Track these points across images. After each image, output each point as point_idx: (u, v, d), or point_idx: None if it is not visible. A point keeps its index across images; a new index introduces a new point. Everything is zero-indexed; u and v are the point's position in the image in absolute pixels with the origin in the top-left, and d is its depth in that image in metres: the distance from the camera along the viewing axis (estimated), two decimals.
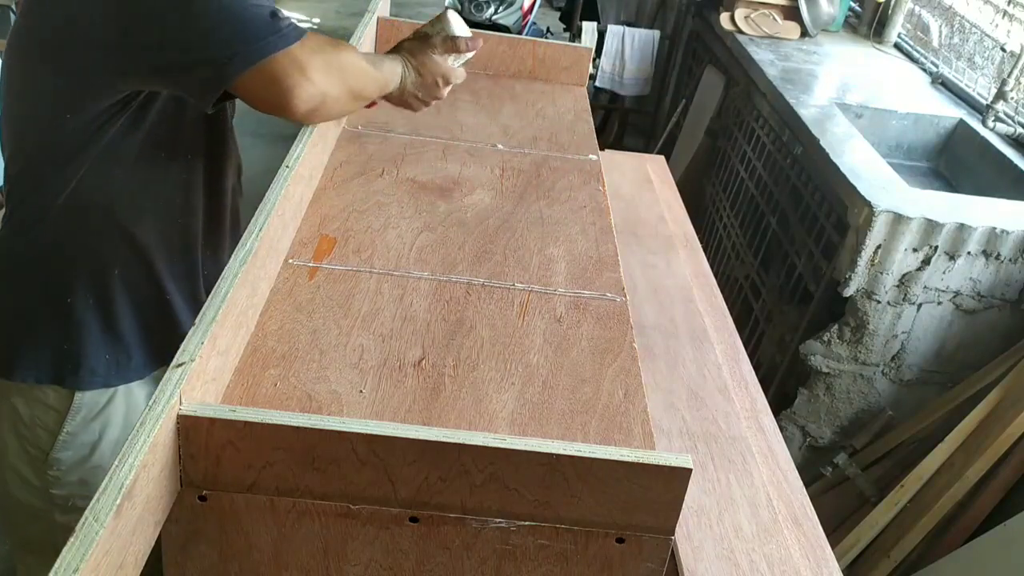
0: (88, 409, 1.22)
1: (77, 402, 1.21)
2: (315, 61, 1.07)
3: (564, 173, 1.43)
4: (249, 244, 0.93)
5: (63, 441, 1.22)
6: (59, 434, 1.22)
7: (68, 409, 1.21)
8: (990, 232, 2.12)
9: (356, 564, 0.82)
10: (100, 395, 1.23)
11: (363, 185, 1.29)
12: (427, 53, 1.31)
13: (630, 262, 1.68)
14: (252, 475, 0.76)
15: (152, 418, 0.71)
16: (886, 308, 2.21)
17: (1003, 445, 2.04)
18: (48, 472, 1.24)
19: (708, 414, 1.34)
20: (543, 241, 1.22)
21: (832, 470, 2.35)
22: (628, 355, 1.01)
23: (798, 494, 1.24)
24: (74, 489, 1.26)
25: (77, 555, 0.60)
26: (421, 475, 0.77)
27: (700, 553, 1.09)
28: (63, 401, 1.21)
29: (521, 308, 1.07)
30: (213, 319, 0.82)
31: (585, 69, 1.83)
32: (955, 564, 1.99)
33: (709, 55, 3.74)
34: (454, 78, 1.35)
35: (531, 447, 0.76)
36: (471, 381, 0.94)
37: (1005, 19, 2.98)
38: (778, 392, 2.46)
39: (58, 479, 1.25)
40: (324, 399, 0.88)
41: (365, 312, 1.02)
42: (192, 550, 0.80)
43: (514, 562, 0.81)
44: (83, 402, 1.22)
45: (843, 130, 2.59)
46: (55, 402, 1.21)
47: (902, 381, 2.32)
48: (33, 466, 1.24)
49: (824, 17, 3.46)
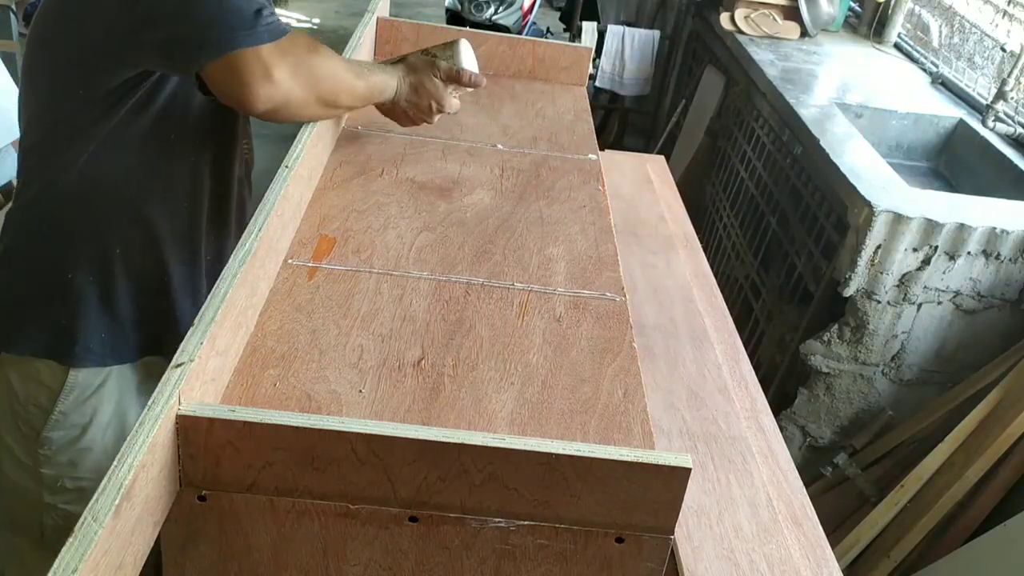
0: (81, 389, 1.24)
1: (71, 381, 1.22)
2: (283, 63, 1.08)
3: (564, 173, 1.43)
4: (249, 244, 0.93)
5: (55, 420, 1.24)
6: (51, 413, 1.23)
7: (62, 387, 1.23)
8: (990, 232, 2.12)
9: (356, 564, 0.82)
10: (94, 375, 1.24)
11: (363, 185, 1.28)
12: (428, 74, 1.31)
13: (630, 262, 1.68)
14: (251, 475, 0.76)
15: (151, 418, 0.71)
16: (886, 308, 2.21)
17: (1003, 445, 2.04)
18: (39, 451, 1.26)
19: (708, 414, 1.34)
20: (543, 241, 1.22)
21: (832, 470, 2.35)
22: (628, 355, 1.01)
23: (798, 494, 1.24)
24: (63, 470, 1.27)
25: (76, 555, 0.60)
26: (421, 475, 0.77)
27: (700, 553, 1.09)
28: (57, 379, 1.22)
29: (521, 308, 1.07)
30: (212, 319, 0.82)
31: (585, 69, 1.83)
32: (955, 564, 1.99)
33: (709, 55, 3.74)
34: (448, 107, 1.35)
35: (530, 447, 0.76)
36: (470, 381, 0.94)
37: (1005, 19, 2.98)
38: (778, 392, 2.46)
39: (48, 458, 1.26)
40: (324, 399, 0.88)
41: (364, 312, 1.02)
42: (191, 550, 0.80)
43: (514, 562, 0.81)
44: (76, 381, 1.23)
45: (843, 130, 2.59)
46: (49, 380, 1.23)
47: (902, 381, 2.32)
48: (24, 444, 1.26)
49: (824, 17, 3.46)
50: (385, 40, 1.77)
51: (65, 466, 1.26)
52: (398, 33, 1.77)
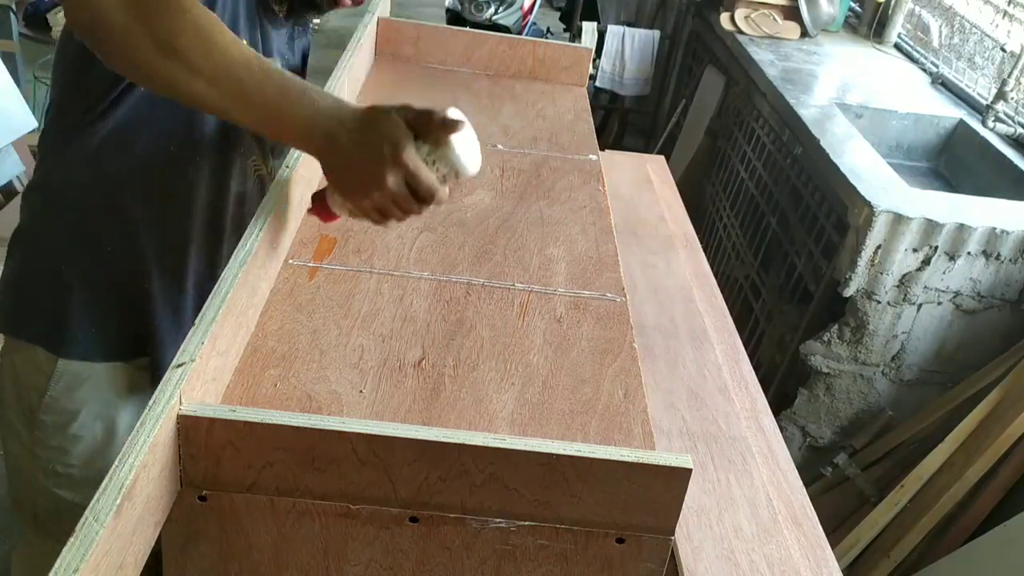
0: (71, 378, 1.24)
1: (60, 368, 1.23)
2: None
3: (564, 173, 1.43)
4: (249, 244, 0.94)
5: (47, 404, 1.25)
6: (43, 396, 1.24)
7: (52, 373, 1.23)
8: (990, 232, 2.12)
9: (356, 564, 0.82)
10: (81, 367, 1.25)
11: None
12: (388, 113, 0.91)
13: (630, 262, 1.68)
14: (252, 475, 0.76)
15: (152, 418, 0.71)
16: (886, 308, 2.21)
17: (1003, 445, 2.04)
18: (35, 432, 1.27)
19: (708, 414, 1.34)
20: (543, 241, 1.22)
21: (832, 470, 2.35)
22: (628, 355, 1.01)
23: (798, 494, 1.24)
24: (53, 454, 1.28)
25: (77, 555, 0.60)
26: (421, 475, 0.77)
27: (700, 553, 1.09)
28: (49, 365, 1.23)
29: (521, 308, 1.07)
30: (213, 319, 0.82)
31: (585, 69, 1.83)
32: (955, 564, 1.99)
33: (709, 55, 3.74)
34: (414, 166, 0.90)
35: (531, 447, 0.76)
36: (471, 381, 0.94)
37: (1005, 19, 2.98)
38: (778, 392, 2.46)
39: (42, 440, 1.27)
40: (324, 399, 0.88)
41: (365, 312, 1.02)
42: (192, 550, 0.80)
43: (514, 562, 0.81)
44: (65, 370, 1.24)
45: (843, 130, 2.59)
46: (44, 364, 1.24)
47: (902, 381, 2.32)
48: (24, 423, 1.28)
49: (824, 17, 3.46)
50: (385, 39, 1.77)
51: (56, 451, 1.28)
52: (398, 33, 1.77)
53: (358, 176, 0.91)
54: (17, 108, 2.94)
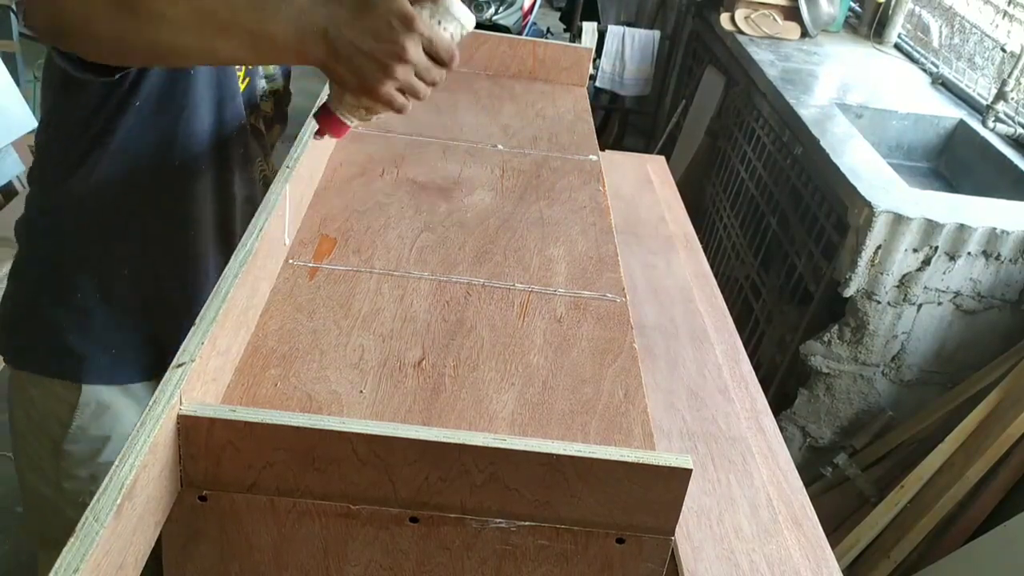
0: (98, 404, 1.22)
1: (85, 396, 1.20)
2: None
3: (564, 173, 1.43)
4: (249, 244, 0.94)
5: (72, 434, 1.22)
6: (69, 427, 1.21)
7: (77, 402, 1.20)
8: (990, 232, 2.12)
9: (356, 564, 0.82)
10: (107, 392, 1.22)
11: (363, 185, 1.28)
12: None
13: (630, 262, 1.68)
14: (252, 475, 0.76)
15: (152, 418, 0.71)
16: (886, 308, 2.21)
17: (1003, 445, 2.04)
18: (60, 463, 1.23)
19: (708, 414, 1.34)
20: (543, 241, 1.22)
21: (832, 470, 2.35)
22: (628, 355, 1.01)
23: (798, 494, 1.24)
24: (83, 484, 1.25)
25: (77, 555, 0.60)
26: (421, 475, 0.77)
27: (700, 553, 1.09)
28: (72, 394, 1.20)
29: (521, 308, 1.07)
30: (213, 319, 0.82)
31: (585, 69, 1.83)
32: (955, 564, 2.00)
33: (709, 55, 3.74)
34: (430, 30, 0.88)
35: (531, 447, 0.76)
36: (471, 381, 0.94)
37: (1005, 19, 2.98)
38: (778, 392, 2.46)
39: (68, 472, 1.24)
40: (324, 399, 0.88)
41: (365, 312, 1.02)
42: (192, 550, 0.80)
43: (514, 562, 0.81)
44: (91, 396, 1.21)
45: (843, 130, 2.59)
46: (65, 395, 1.21)
47: (902, 381, 2.32)
48: (48, 456, 1.24)
49: (824, 17, 3.46)
50: None
51: (85, 480, 1.24)
52: None
53: (373, 63, 0.87)
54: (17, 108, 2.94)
